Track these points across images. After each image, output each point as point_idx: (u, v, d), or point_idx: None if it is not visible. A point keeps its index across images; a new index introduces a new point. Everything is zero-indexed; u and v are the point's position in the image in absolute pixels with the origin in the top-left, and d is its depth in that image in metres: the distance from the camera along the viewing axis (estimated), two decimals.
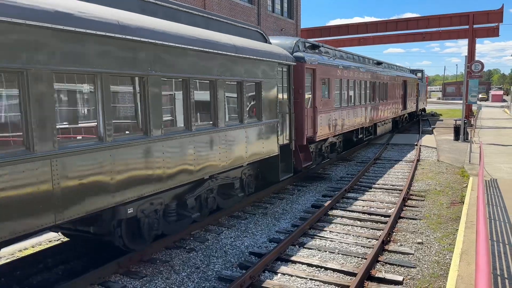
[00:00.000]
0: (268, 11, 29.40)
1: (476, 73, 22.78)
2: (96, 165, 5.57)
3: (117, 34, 5.76)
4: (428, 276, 6.52)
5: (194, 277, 6.53)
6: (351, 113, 16.49)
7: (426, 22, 35.28)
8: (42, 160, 4.88)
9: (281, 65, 10.76)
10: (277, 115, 10.48)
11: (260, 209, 10.22)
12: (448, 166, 15.65)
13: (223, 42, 8.19)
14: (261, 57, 9.51)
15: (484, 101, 78.78)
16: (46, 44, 4.89)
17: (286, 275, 6.52)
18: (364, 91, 18.19)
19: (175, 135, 7.03)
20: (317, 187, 12.58)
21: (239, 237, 8.29)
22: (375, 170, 15.09)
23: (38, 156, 4.84)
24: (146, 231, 6.90)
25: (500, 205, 9.68)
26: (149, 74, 6.40)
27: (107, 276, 6.42)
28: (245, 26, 10.16)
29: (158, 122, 6.59)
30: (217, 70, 8.04)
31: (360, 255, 7.25)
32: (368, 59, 20.81)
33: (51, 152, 4.99)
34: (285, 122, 11.13)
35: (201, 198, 8.40)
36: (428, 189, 12.10)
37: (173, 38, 6.85)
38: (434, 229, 8.72)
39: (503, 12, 32.17)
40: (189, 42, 7.20)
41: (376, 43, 41.97)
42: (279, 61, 10.40)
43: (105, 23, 5.60)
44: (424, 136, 24.91)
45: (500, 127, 29.97)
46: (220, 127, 8.21)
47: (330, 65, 14.27)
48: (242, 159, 9.10)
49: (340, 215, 9.62)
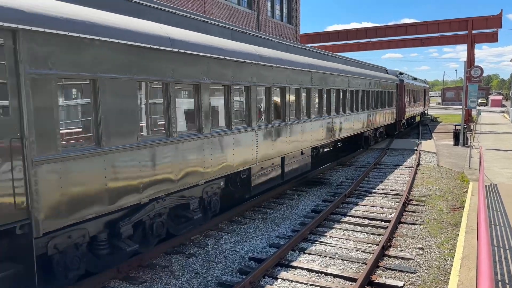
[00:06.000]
0: (268, 16, 29.53)
1: (475, 78, 22.84)
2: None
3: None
4: (428, 282, 6.49)
5: (194, 283, 6.50)
6: (414, 105, 34.21)
7: (425, 27, 35.43)
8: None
9: (395, 83, 25.92)
10: (394, 105, 25.75)
11: (260, 214, 10.19)
12: (448, 171, 15.64)
13: (374, 75, 20.86)
14: (387, 81, 23.52)
15: (483, 106, 78.95)
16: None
17: (286, 280, 6.49)
18: (417, 95, 35.92)
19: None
20: (317, 192, 12.56)
21: (239, 242, 8.26)
22: (375, 175, 15.08)
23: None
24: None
25: (500, 210, 9.66)
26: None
27: (106, 282, 6.38)
28: (378, 66, 24.65)
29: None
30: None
31: (360, 261, 7.22)
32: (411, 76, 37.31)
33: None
34: (397, 108, 26.50)
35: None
36: (428, 194, 12.08)
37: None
38: (435, 234, 8.69)
39: (502, 17, 32.31)
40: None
41: (375, 49, 42.21)
42: (394, 82, 25.41)
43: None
44: (424, 141, 24.92)
45: (500, 132, 30.00)
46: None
47: (408, 83, 30.15)
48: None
49: (340, 220, 9.59)
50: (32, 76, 4.74)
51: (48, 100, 4.94)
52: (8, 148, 4.56)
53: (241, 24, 23.93)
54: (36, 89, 4.80)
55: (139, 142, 6.30)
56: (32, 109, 4.75)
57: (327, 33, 39.91)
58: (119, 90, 5.90)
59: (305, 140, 12.41)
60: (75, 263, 5.71)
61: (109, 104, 5.76)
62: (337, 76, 14.90)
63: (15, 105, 4.61)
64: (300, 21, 34.53)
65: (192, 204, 7.99)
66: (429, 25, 35.18)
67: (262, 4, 28.04)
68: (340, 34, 38.65)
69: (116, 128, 5.89)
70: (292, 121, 11.50)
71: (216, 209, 8.93)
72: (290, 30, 32.82)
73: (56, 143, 5.07)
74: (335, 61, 16.34)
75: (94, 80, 5.54)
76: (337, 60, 17.04)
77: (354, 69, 17.73)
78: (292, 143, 11.54)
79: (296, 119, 11.79)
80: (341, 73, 15.40)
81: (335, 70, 14.82)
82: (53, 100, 5.00)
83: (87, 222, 5.79)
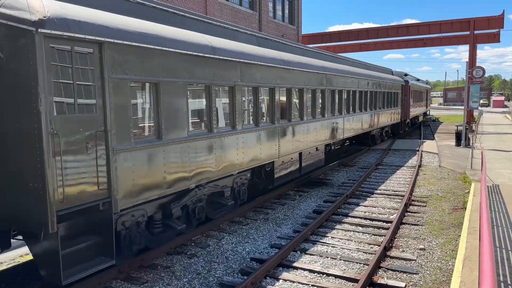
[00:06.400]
0: (270, 17, 29.54)
1: (477, 79, 22.79)
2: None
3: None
4: (430, 283, 6.48)
5: (195, 283, 6.50)
6: (417, 105, 35.05)
7: (427, 28, 35.40)
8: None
9: (400, 84, 26.57)
10: (399, 106, 26.24)
11: (262, 214, 10.19)
12: (449, 171, 15.61)
13: (381, 76, 22.03)
14: (393, 82, 24.18)
15: (485, 106, 78.79)
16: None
17: (288, 281, 6.49)
18: (420, 95, 36.71)
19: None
20: (318, 192, 12.55)
21: (240, 243, 8.26)
22: (377, 175, 15.06)
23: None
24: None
25: (503, 211, 9.64)
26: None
27: (108, 282, 6.39)
28: (384, 67, 26.61)
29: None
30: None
31: (362, 261, 7.21)
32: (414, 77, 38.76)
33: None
34: (402, 108, 27.25)
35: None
36: (430, 195, 12.06)
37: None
38: (436, 235, 8.68)
39: (504, 18, 32.26)
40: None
41: (377, 49, 42.18)
42: (399, 83, 26.25)
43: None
44: (426, 141, 24.88)
45: (502, 133, 29.93)
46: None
47: (413, 84, 31.41)
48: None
49: (341, 221, 9.59)
50: (113, 80, 5.74)
51: (124, 99, 5.96)
52: (94, 139, 5.53)
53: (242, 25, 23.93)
54: (116, 90, 5.81)
55: (188, 136, 7.35)
56: (113, 107, 5.75)
57: (329, 34, 39.92)
58: (175, 92, 6.97)
59: (320, 137, 13.37)
60: (137, 239, 6.73)
61: (167, 103, 6.81)
62: (347, 77, 15.75)
63: (100, 103, 5.61)
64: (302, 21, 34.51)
65: (226, 192, 9.13)
66: (431, 25, 35.16)
67: (263, 5, 28.05)
68: (341, 35, 38.65)
69: (172, 124, 6.95)
70: (309, 120, 12.45)
71: (244, 198, 10.04)
72: (291, 31, 32.82)
73: (130, 136, 6.09)
74: (345, 64, 17.34)
75: (157, 83, 6.60)
76: (346, 62, 17.93)
77: (363, 71, 18.60)
78: (309, 140, 12.51)
79: (312, 118, 12.67)
80: (352, 75, 16.32)
81: (346, 72, 15.71)
82: (128, 100, 6.04)
83: (145, 204, 6.76)
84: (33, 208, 5.06)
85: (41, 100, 4.87)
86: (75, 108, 5.31)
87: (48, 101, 4.94)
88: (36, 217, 5.04)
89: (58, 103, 5.12)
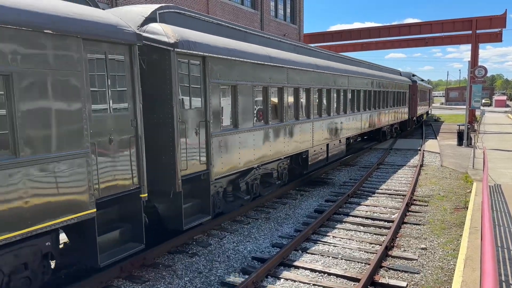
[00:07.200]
0: (271, 16, 29.52)
1: (479, 78, 22.73)
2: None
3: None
4: (432, 282, 6.47)
5: (197, 282, 6.50)
6: (422, 104, 36.08)
7: (429, 27, 35.31)
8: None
9: (408, 84, 28.00)
10: (406, 104, 27.76)
11: (263, 213, 10.19)
12: (451, 171, 15.59)
13: (392, 77, 23.85)
14: (401, 81, 25.66)
15: (487, 106, 78.64)
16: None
17: (289, 280, 6.49)
18: (424, 95, 37.74)
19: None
20: (320, 192, 12.55)
21: (241, 242, 8.26)
22: (378, 175, 15.05)
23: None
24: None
25: (505, 210, 9.62)
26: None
27: (109, 281, 6.40)
28: (394, 69, 27.64)
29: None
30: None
31: (363, 261, 7.21)
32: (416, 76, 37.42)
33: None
34: (410, 107, 28.71)
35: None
36: (432, 195, 12.05)
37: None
38: (438, 234, 8.67)
39: (506, 17, 32.18)
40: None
41: (378, 48, 42.07)
42: (407, 83, 27.59)
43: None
44: (428, 141, 24.86)
45: (504, 133, 29.86)
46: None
47: (420, 84, 32.88)
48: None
49: (343, 221, 9.59)
50: (211, 84, 7.85)
51: (217, 97, 8.10)
52: (198, 126, 7.65)
53: (244, 24, 23.92)
54: (213, 91, 7.94)
55: (253, 126, 9.54)
56: (212, 103, 7.87)
57: (330, 33, 39.83)
58: (245, 92, 9.12)
59: (342, 131, 15.73)
60: (219, 203, 8.84)
61: (240, 101, 8.93)
62: (365, 79, 18.16)
63: (203, 101, 7.73)
64: (303, 20, 34.48)
65: (274, 173, 11.22)
66: (433, 25, 35.07)
67: (265, 4, 28.03)
68: (343, 34, 38.59)
69: (243, 117, 9.11)
70: (335, 115, 14.78)
71: (285, 180, 11.97)
72: (293, 30, 32.80)
73: (220, 125, 8.29)
74: (362, 66, 19.69)
75: (235, 86, 8.76)
76: (363, 65, 20.14)
77: (377, 73, 21.08)
78: (334, 133, 14.80)
79: (337, 114, 15.01)
80: (368, 76, 18.73)
81: (364, 74, 18.14)
82: (219, 98, 8.18)
83: (221, 178, 8.66)
84: (167, 173, 7.03)
85: (174, 98, 6.87)
86: (191, 104, 7.43)
87: (177, 98, 6.95)
88: (168, 180, 7.00)
89: (181, 100, 7.16)
